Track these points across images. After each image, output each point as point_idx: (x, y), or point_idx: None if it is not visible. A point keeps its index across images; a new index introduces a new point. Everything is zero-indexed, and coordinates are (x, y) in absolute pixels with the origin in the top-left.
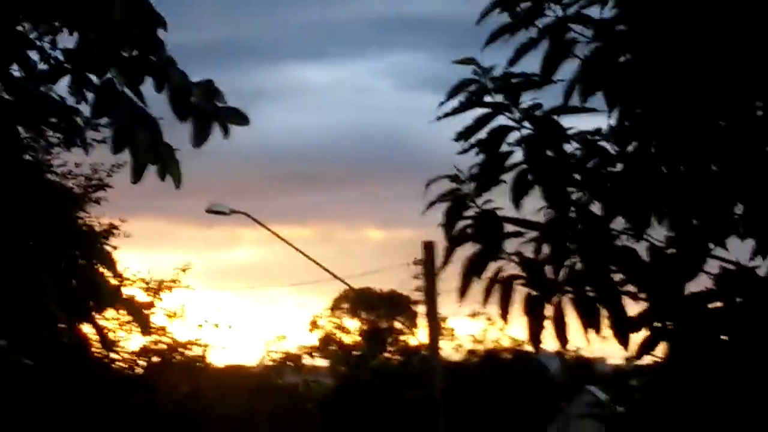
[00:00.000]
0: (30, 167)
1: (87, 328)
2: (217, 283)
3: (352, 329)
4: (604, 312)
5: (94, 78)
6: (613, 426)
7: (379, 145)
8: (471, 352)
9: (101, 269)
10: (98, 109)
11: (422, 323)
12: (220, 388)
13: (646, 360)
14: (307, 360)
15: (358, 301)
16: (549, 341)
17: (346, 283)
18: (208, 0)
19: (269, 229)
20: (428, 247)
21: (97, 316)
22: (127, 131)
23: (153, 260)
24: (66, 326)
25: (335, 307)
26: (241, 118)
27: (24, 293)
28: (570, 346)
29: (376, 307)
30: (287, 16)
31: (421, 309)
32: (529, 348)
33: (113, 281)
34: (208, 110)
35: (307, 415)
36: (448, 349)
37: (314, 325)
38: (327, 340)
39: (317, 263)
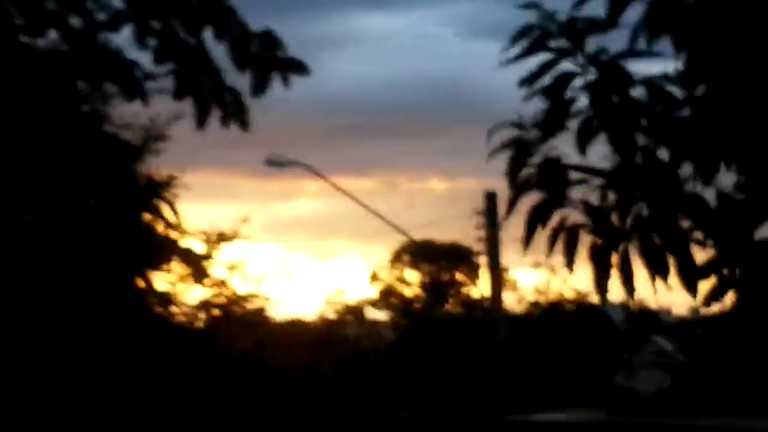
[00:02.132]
0: (88, 119)
1: (148, 282)
2: (277, 236)
3: (412, 281)
4: (671, 260)
5: (155, 26)
6: (679, 375)
7: (442, 94)
8: (534, 304)
9: (160, 220)
10: (161, 55)
11: (484, 275)
12: (281, 340)
13: (713, 309)
14: (367, 312)
15: (419, 252)
16: (614, 291)
17: (407, 235)
18: None
19: (329, 181)
20: (490, 197)
21: (155, 269)
22: (189, 77)
23: (212, 213)
24: (124, 280)
25: (396, 259)
26: (302, 69)
27: (81, 249)
28: (635, 296)
29: (438, 258)
30: None
31: (482, 260)
32: (592, 299)
33: (172, 233)
34: (267, 60)
35: (370, 367)
36: (510, 301)
37: (374, 277)
38: (388, 292)
39: (378, 215)
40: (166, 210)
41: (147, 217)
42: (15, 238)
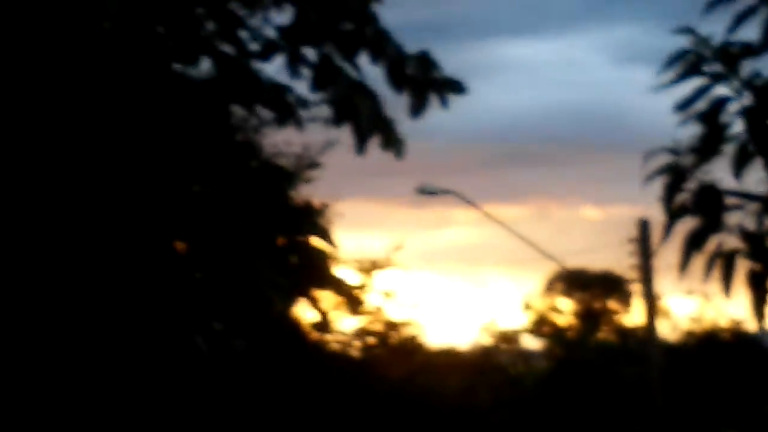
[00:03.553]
0: (242, 147)
1: (302, 310)
2: (429, 264)
3: (565, 310)
4: None
5: (308, 54)
6: None
7: (594, 121)
8: (689, 333)
9: (318, 246)
10: (317, 82)
11: (637, 303)
12: (436, 369)
13: None
14: (522, 340)
15: (572, 280)
16: None
17: (559, 263)
18: None
19: (480, 209)
20: (643, 224)
21: (313, 293)
22: (347, 102)
23: (364, 241)
24: (281, 308)
25: (548, 287)
26: (459, 88)
27: (239, 276)
28: None
29: (590, 286)
30: None
31: (636, 288)
32: (748, 326)
33: (326, 260)
34: (424, 80)
35: (526, 393)
36: (664, 329)
37: (527, 306)
38: (541, 321)
39: (529, 242)
40: (324, 233)
41: (304, 241)
42: (170, 265)
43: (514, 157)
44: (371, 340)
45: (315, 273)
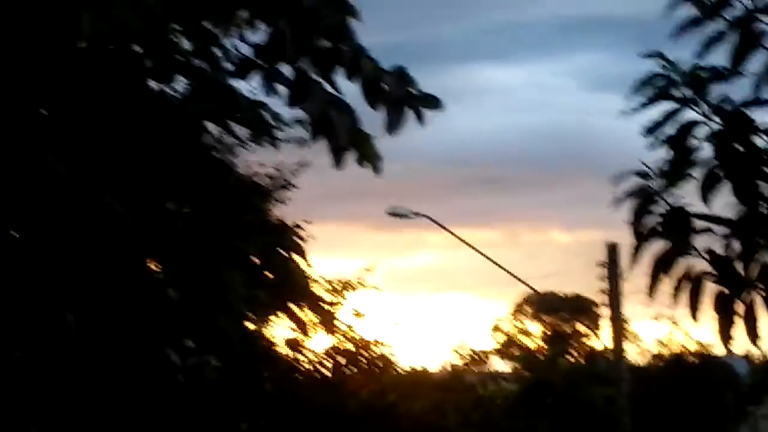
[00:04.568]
0: (217, 164)
1: (275, 328)
2: (400, 287)
3: (534, 333)
4: None
5: (285, 71)
6: None
7: (565, 146)
8: (656, 356)
9: (295, 261)
10: (294, 98)
11: (605, 326)
12: (406, 388)
13: None
14: (491, 362)
15: (541, 304)
16: (738, 342)
17: (529, 286)
18: (391, 4)
19: (451, 232)
20: (611, 248)
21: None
22: (323, 117)
23: (335, 264)
24: (257, 323)
25: (517, 310)
26: (435, 103)
27: (213, 293)
28: (758, 348)
29: (559, 310)
30: (471, 18)
31: (604, 312)
32: (715, 351)
33: (305, 275)
34: (400, 96)
35: (495, 413)
36: (632, 353)
37: (497, 329)
38: (509, 343)
39: (499, 266)
40: (299, 249)
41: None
42: (141, 283)
43: (485, 181)
44: (342, 359)
45: (291, 288)
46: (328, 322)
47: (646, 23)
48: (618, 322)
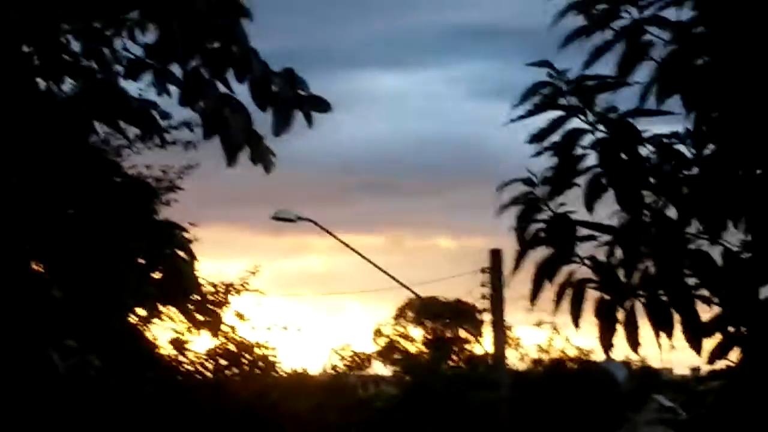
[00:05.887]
0: (105, 162)
1: (158, 329)
2: (284, 290)
3: (416, 338)
4: (676, 317)
5: (176, 72)
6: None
7: (452, 153)
8: (536, 362)
9: (182, 259)
10: (186, 97)
11: (488, 332)
12: (287, 390)
13: (716, 367)
14: (372, 366)
15: (423, 309)
16: (618, 349)
17: (412, 291)
18: (279, 8)
19: (335, 236)
20: (495, 255)
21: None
22: (216, 115)
23: (220, 267)
24: (140, 324)
25: (400, 315)
26: (324, 106)
27: (98, 290)
28: (638, 355)
29: (442, 315)
30: (359, 24)
31: (486, 318)
32: (595, 357)
33: (193, 271)
34: (289, 98)
35: (375, 415)
36: (513, 358)
37: (378, 333)
38: (391, 348)
39: (383, 271)
40: (187, 246)
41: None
42: (24, 284)
43: (373, 187)
44: (224, 361)
45: (180, 286)
46: (214, 323)
47: (534, 33)
48: (500, 328)
